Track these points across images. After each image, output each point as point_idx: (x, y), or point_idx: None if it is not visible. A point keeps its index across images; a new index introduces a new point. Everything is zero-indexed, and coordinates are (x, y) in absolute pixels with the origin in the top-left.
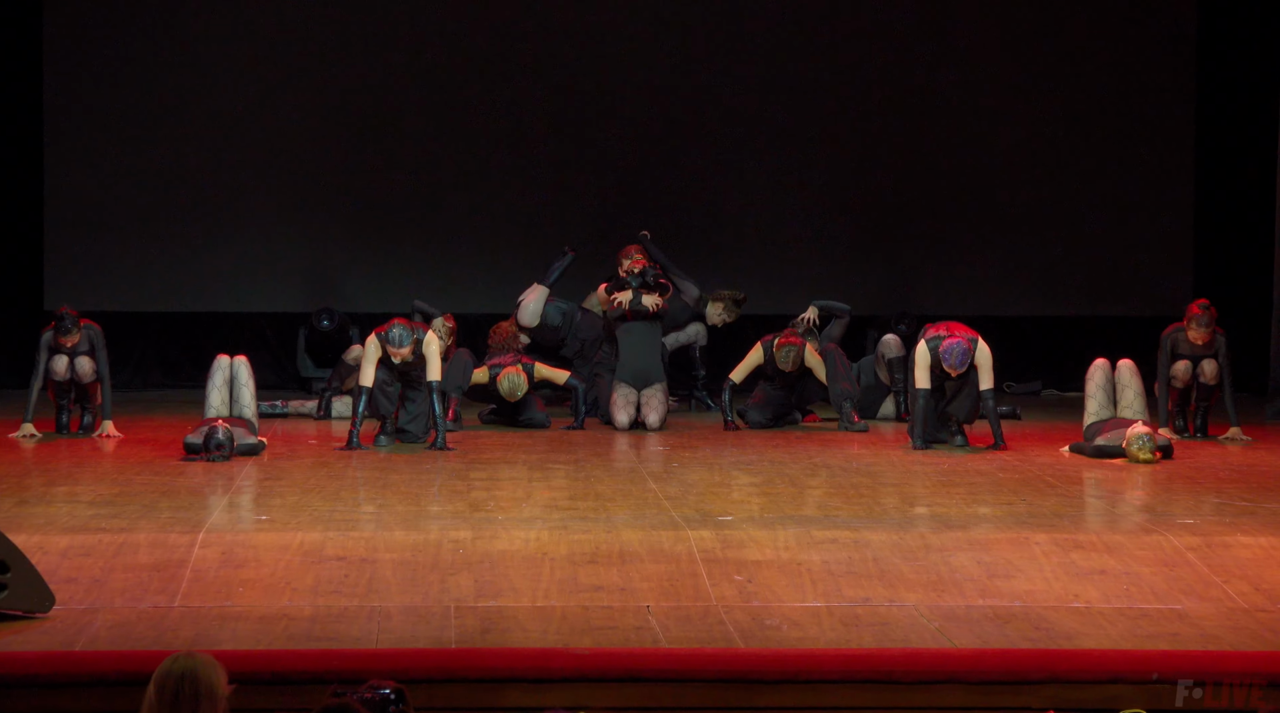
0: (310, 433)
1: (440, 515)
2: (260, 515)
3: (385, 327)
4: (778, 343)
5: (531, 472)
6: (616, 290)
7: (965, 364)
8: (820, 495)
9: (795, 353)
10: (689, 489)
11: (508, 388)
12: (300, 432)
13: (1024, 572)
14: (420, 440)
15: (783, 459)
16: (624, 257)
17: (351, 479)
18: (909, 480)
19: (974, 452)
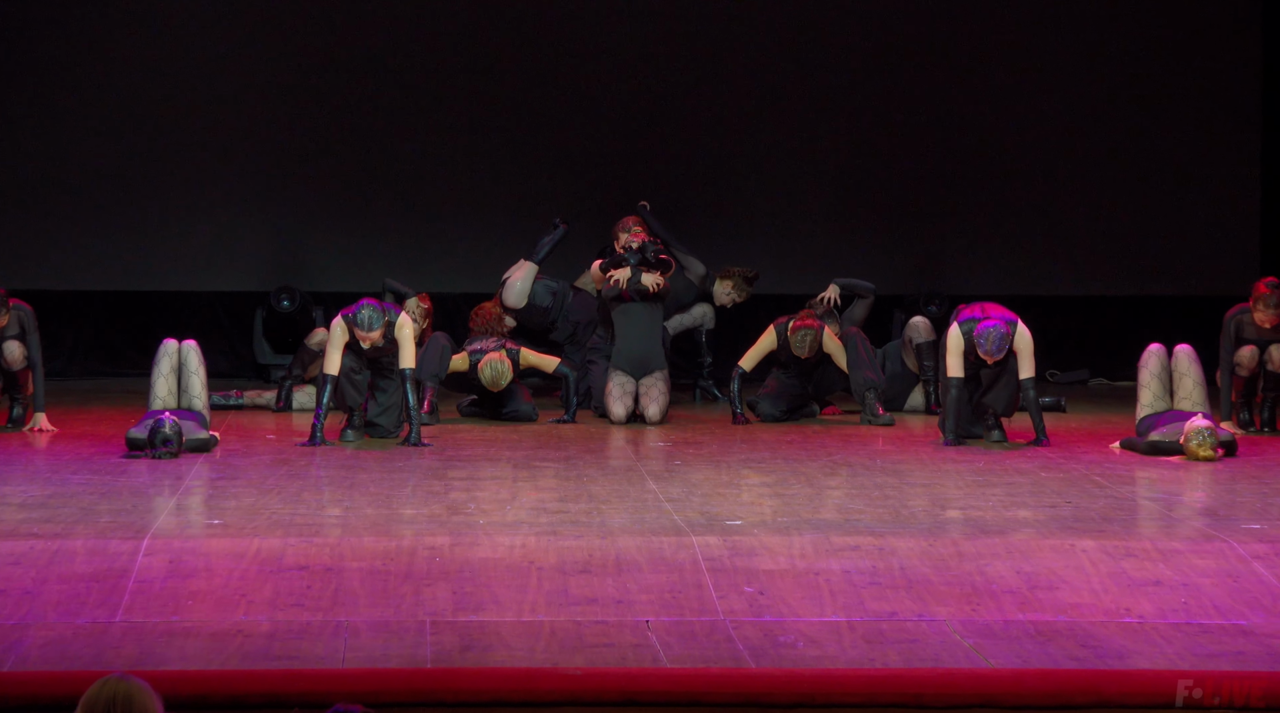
0: (268, 427)
1: (414, 520)
2: (212, 520)
3: (353, 308)
4: (793, 326)
5: (517, 471)
6: (613, 267)
7: (1003, 350)
8: (840, 497)
9: (812, 337)
10: (693, 490)
11: (490, 376)
12: (257, 425)
13: (1069, 583)
14: (392, 435)
15: (798, 456)
16: (621, 230)
17: (315, 479)
18: (940, 480)
19: (1013, 448)
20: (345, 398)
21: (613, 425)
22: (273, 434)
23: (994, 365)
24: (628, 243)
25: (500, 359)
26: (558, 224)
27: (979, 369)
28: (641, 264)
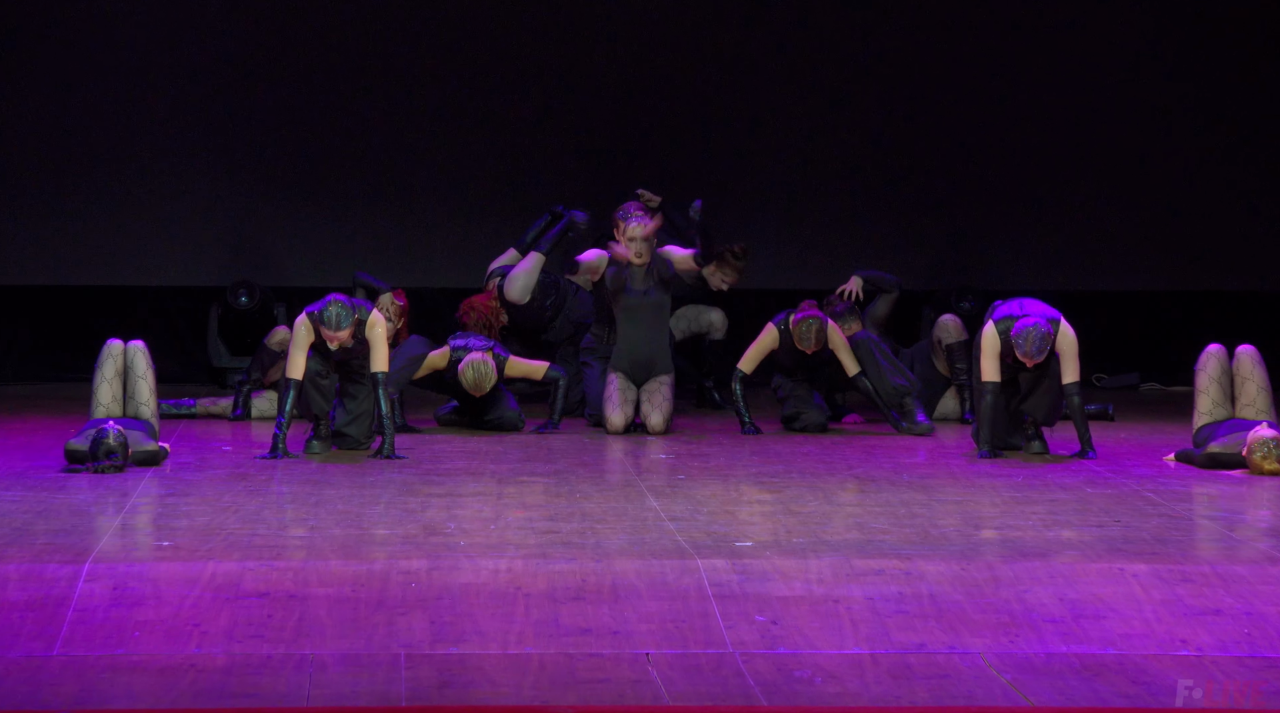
0: (224, 437)
1: (388, 541)
2: (161, 541)
3: (319, 304)
4: (795, 318)
5: (502, 486)
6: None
7: (1044, 352)
8: (862, 515)
9: (817, 327)
10: (698, 507)
11: (472, 379)
12: (212, 436)
13: (1118, 611)
14: (363, 447)
15: (815, 470)
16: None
17: (276, 496)
18: (973, 497)
19: (1055, 461)
20: (310, 405)
21: (609, 435)
22: (229, 445)
23: (1034, 369)
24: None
25: (484, 360)
26: (562, 212)
27: (1017, 373)
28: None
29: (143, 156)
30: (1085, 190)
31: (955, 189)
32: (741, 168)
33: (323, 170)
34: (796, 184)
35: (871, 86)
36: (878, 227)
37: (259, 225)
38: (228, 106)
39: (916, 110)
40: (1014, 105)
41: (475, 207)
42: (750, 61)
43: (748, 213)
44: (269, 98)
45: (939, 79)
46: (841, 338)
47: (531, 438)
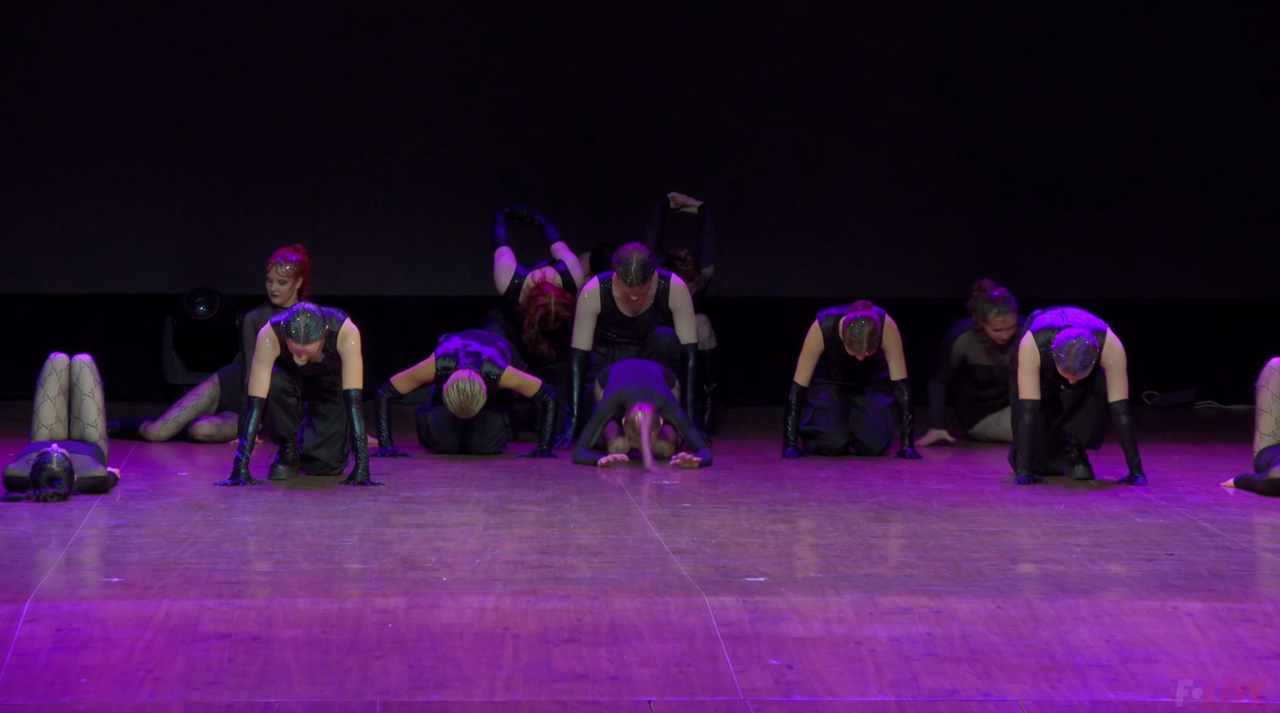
0: (180, 462)
1: (362, 576)
2: (110, 577)
3: (285, 315)
4: (846, 318)
5: (488, 515)
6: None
7: (1088, 366)
8: (887, 548)
9: (870, 329)
10: (706, 539)
11: (457, 402)
12: (166, 460)
13: (1171, 654)
14: (334, 472)
15: (835, 498)
16: None
17: (238, 526)
18: (1010, 527)
19: (1101, 487)
20: (275, 426)
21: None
22: (185, 471)
23: (1077, 385)
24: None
25: (471, 380)
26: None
27: (1058, 390)
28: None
29: (90, 152)
30: (1132, 188)
31: (987, 187)
32: (752, 169)
33: (290, 168)
34: (814, 184)
35: (897, 78)
36: (906, 230)
37: (219, 227)
38: (184, 99)
39: (945, 102)
40: (1053, 97)
41: (456, 209)
42: (763, 53)
43: (759, 216)
44: (230, 90)
45: (968, 69)
46: (897, 338)
47: (521, 463)
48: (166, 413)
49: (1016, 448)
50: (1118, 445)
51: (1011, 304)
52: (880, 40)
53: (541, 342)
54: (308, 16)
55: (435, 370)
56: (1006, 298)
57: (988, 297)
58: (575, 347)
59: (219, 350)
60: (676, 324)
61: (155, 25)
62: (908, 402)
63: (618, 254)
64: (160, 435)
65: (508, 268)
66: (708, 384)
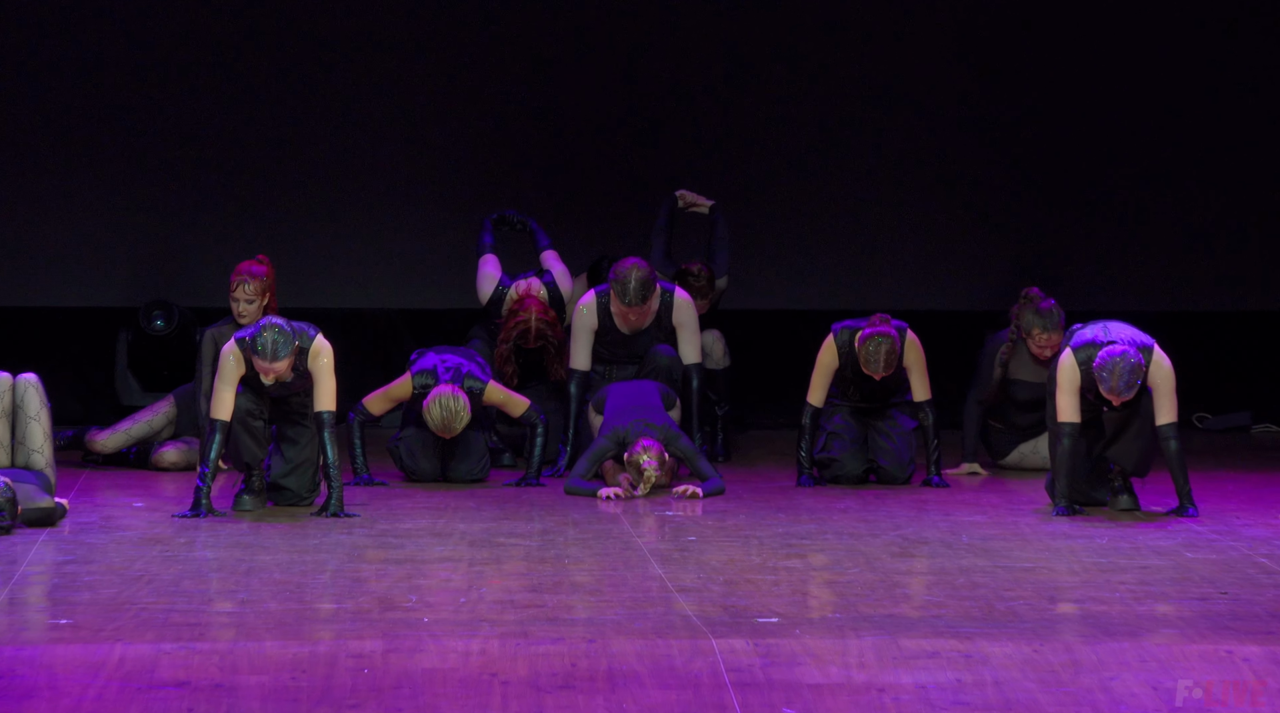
0: (134, 491)
1: (335, 617)
2: (58, 619)
3: (251, 330)
4: (861, 335)
5: (474, 550)
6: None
7: (1133, 387)
8: (913, 585)
9: (888, 347)
10: (713, 576)
11: (440, 420)
12: (119, 489)
13: (1225, 703)
14: (304, 502)
15: (855, 530)
16: None
17: (198, 562)
18: (1048, 562)
19: (1147, 519)
20: (240, 452)
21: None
22: (140, 501)
23: (1121, 407)
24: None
25: (454, 396)
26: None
27: (1100, 412)
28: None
29: (37, 154)
30: (1183, 191)
31: (1026, 190)
32: (766, 169)
33: (254, 170)
34: (835, 185)
35: (927, 65)
36: (932, 235)
37: (178, 235)
38: (138, 100)
39: (980, 95)
40: (1099, 93)
41: (438, 214)
42: (778, 42)
43: (773, 220)
44: (188, 89)
45: (1006, 58)
46: (920, 355)
47: (510, 493)
48: (118, 425)
49: (1054, 476)
50: (1166, 473)
51: (1060, 319)
52: (908, 27)
53: (510, 361)
54: (268, 8)
55: (412, 389)
56: (1055, 312)
57: (1035, 308)
58: (573, 367)
59: (178, 369)
60: (680, 342)
61: (104, 24)
62: (933, 425)
63: (615, 270)
64: (108, 447)
65: (491, 277)
66: (720, 407)
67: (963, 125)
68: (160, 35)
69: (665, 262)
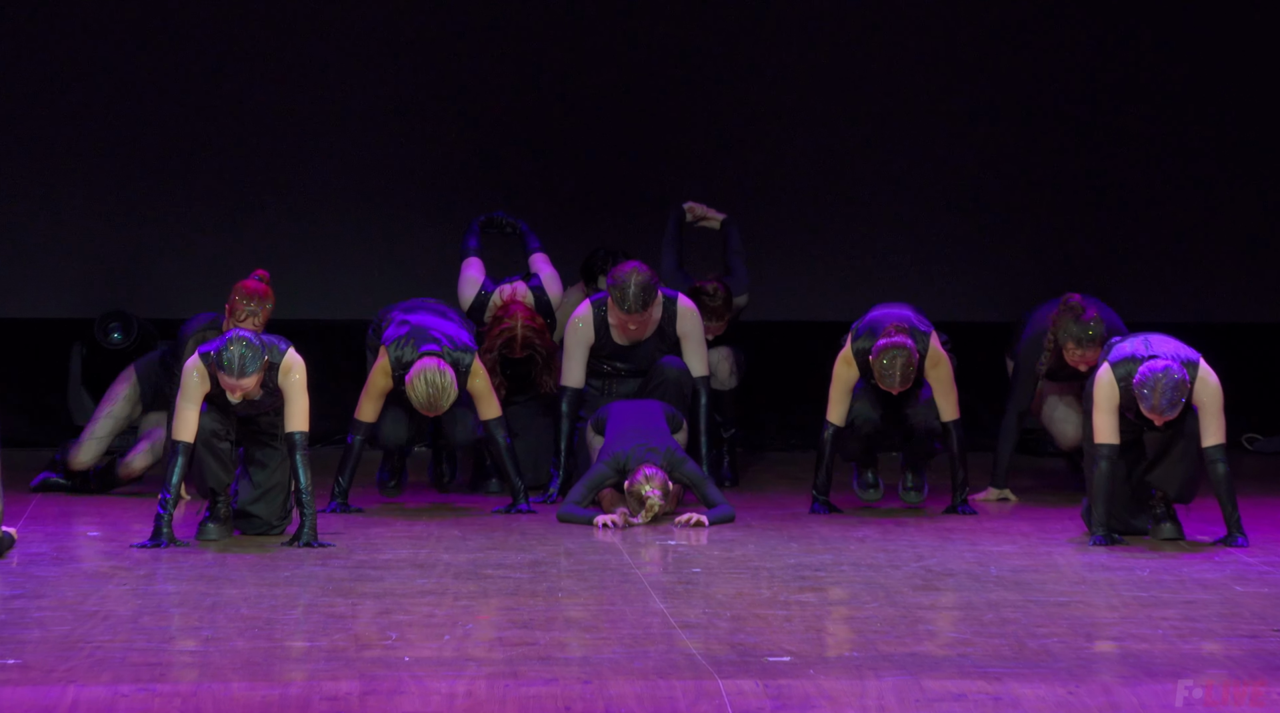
0: (90, 518)
1: (308, 656)
2: (6, 658)
3: (216, 343)
4: (876, 347)
5: (460, 582)
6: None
7: (1177, 405)
8: (937, 622)
9: (904, 360)
10: (719, 611)
11: (425, 396)
12: (74, 515)
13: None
14: (275, 530)
15: (874, 561)
16: None
17: (159, 596)
18: (1084, 597)
19: (1193, 549)
20: (205, 476)
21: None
22: (96, 530)
23: (1164, 427)
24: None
25: (439, 369)
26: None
27: (1141, 433)
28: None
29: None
30: (1229, 193)
31: (1057, 193)
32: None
33: (220, 172)
34: (850, 189)
35: (948, 65)
36: (956, 242)
37: (137, 242)
38: (95, 98)
39: (1007, 94)
40: (1134, 90)
41: (420, 219)
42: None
43: (785, 226)
44: (147, 85)
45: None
46: (948, 370)
47: (497, 520)
48: (83, 434)
49: (1091, 502)
50: (1212, 499)
51: (1101, 334)
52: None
53: (497, 373)
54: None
55: (390, 368)
56: (1096, 325)
57: (1076, 318)
58: (565, 384)
59: None
60: (685, 354)
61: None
62: (959, 447)
63: (613, 275)
64: (85, 461)
65: (474, 281)
66: (726, 429)
67: (988, 129)
68: (112, 36)
69: (678, 274)
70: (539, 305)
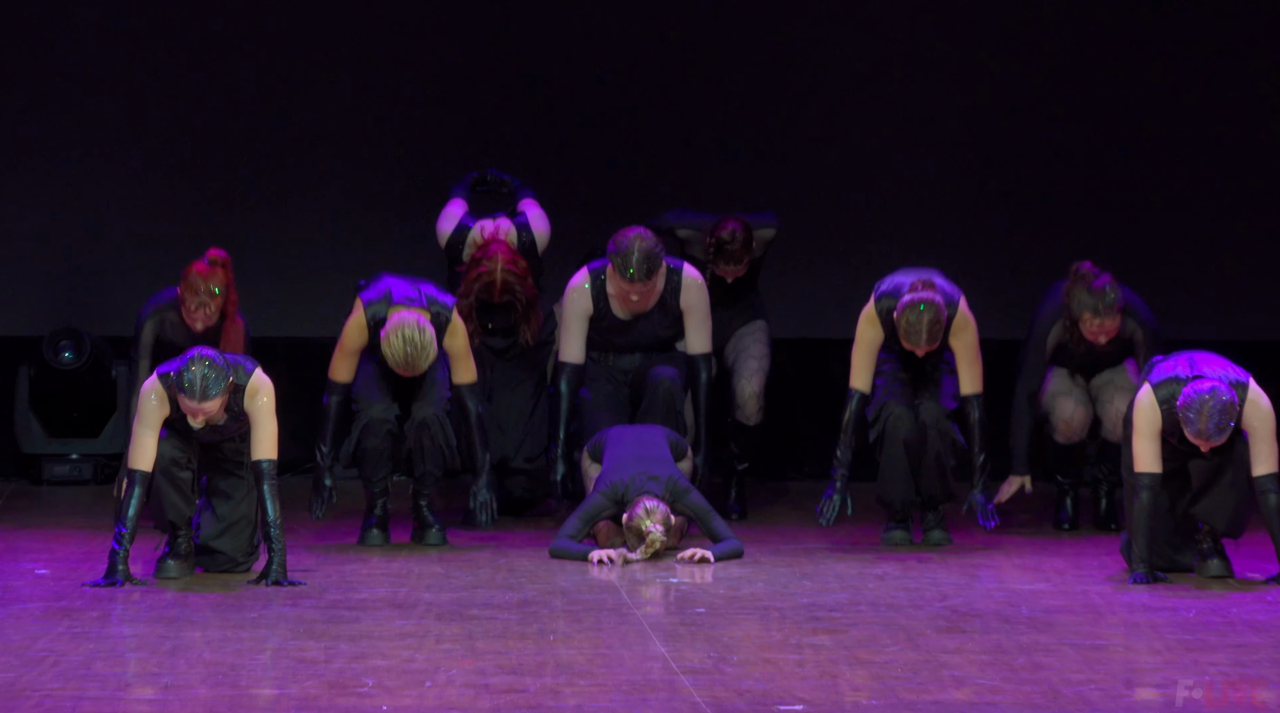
0: (37, 554)
1: (277, 705)
2: None
3: (176, 363)
4: (900, 302)
5: (441, 623)
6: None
7: (1225, 430)
8: (963, 666)
9: (932, 316)
10: (725, 654)
11: (402, 353)
12: (19, 551)
13: None
14: (240, 568)
15: (894, 601)
16: None
17: (114, 639)
18: (1126, 639)
19: (1242, 588)
20: (164, 508)
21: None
22: (44, 567)
23: (1211, 454)
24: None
25: (419, 327)
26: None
27: (1185, 459)
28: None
29: None
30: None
31: (1088, 200)
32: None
33: (179, 182)
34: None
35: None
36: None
37: (88, 254)
38: (42, 102)
39: (1035, 93)
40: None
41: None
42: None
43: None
44: (96, 81)
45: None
46: (973, 339)
47: (485, 556)
48: None
49: (1131, 536)
50: (1264, 533)
51: (1116, 300)
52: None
53: (471, 319)
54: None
55: (366, 325)
56: (1110, 291)
57: (1087, 287)
58: (563, 360)
59: (90, 409)
60: (688, 329)
61: None
62: (979, 422)
63: (614, 240)
64: None
65: (452, 217)
66: (740, 461)
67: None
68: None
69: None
70: (522, 247)
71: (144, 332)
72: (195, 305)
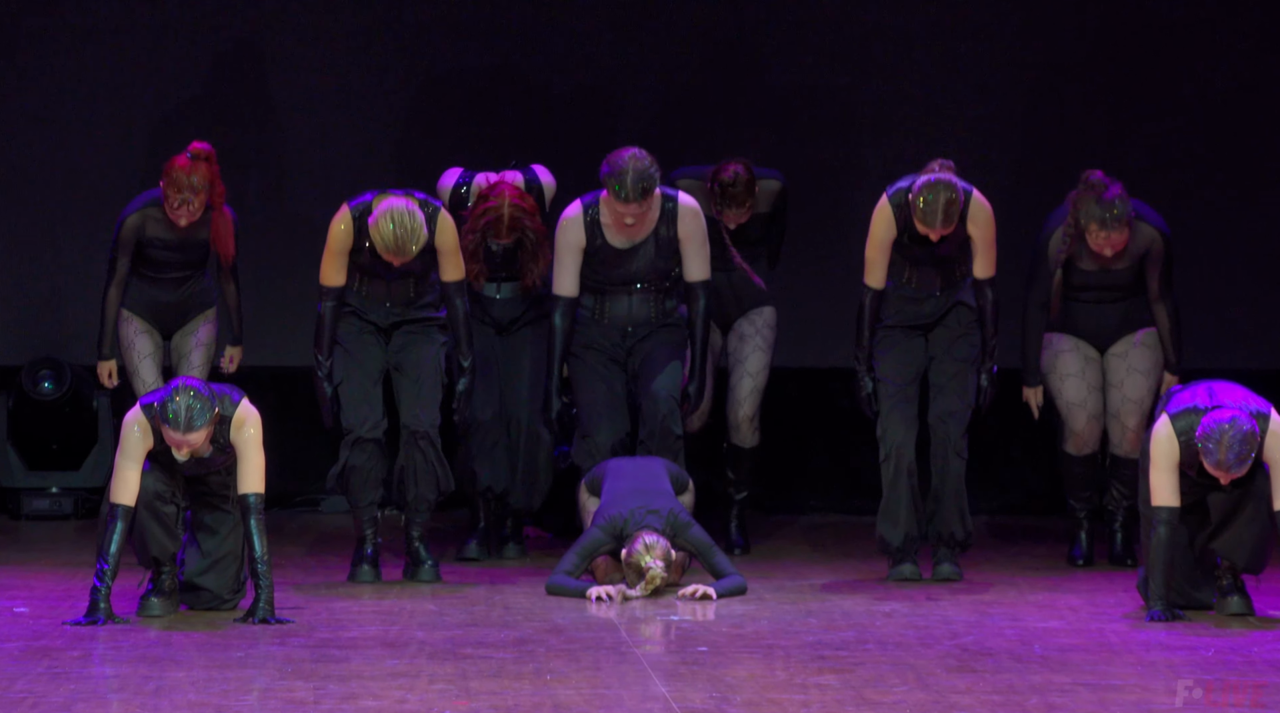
0: (16, 591)
1: None
2: None
3: (160, 394)
4: (917, 183)
5: (435, 663)
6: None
7: (1246, 461)
8: (975, 708)
9: (948, 197)
10: (728, 694)
11: (392, 237)
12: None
13: None
14: (226, 605)
15: (903, 638)
16: None
17: (95, 680)
18: (1141, 680)
19: (1263, 626)
20: (148, 544)
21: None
22: (23, 605)
23: (1230, 486)
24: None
25: (410, 211)
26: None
27: (1204, 492)
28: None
29: None
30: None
31: None
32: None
33: None
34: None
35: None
36: None
37: (69, 280)
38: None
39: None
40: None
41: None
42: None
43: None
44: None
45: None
46: (990, 224)
47: (479, 592)
48: None
49: (1149, 573)
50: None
51: (1126, 212)
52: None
53: (478, 258)
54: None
55: (351, 217)
56: (1120, 202)
57: (1096, 197)
58: (558, 293)
59: (71, 441)
60: (685, 257)
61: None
62: (993, 307)
63: (609, 161)
64: None
65: (452, 173)
66: (738, 489)
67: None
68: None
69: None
70: (530, 189)
71: (124, 228)
72: (179, 202)
